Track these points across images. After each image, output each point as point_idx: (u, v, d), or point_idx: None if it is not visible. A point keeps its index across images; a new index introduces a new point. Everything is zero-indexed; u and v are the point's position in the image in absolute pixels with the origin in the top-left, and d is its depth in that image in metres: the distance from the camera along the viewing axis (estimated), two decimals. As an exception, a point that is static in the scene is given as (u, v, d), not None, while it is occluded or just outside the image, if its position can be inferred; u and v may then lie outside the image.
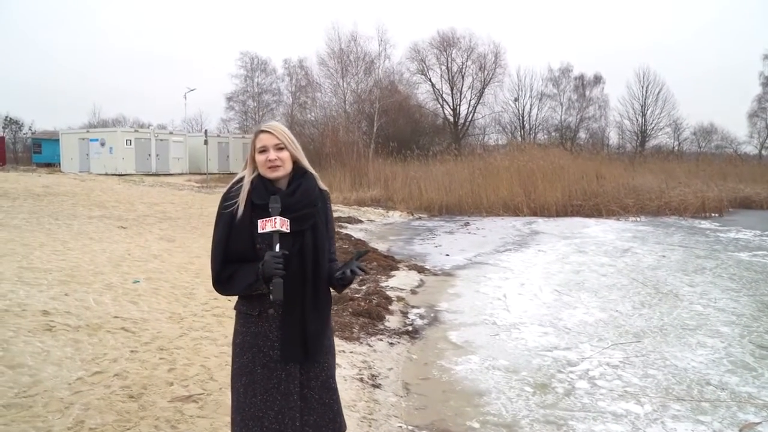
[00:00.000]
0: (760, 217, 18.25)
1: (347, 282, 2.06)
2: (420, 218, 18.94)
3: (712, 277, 8.69)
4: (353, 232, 14.01)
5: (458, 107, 44.95)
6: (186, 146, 34.77)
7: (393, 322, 6.23)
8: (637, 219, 18.01)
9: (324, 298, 2.11)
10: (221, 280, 2.07)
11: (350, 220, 16.43)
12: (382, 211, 19.58)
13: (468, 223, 16.97)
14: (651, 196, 20.10)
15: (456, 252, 11.39)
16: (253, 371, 2.03)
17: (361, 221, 16.67)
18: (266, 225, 2.00)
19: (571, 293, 7.61)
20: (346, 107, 38.77)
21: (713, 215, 18.67)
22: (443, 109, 44.73)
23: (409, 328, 6.00)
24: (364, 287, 7.53)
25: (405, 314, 6.61)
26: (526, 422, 3.80)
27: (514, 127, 46.85)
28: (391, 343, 5.46)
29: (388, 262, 9.47)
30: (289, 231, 2.02)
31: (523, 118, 46.77)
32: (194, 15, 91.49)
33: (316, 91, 43.21)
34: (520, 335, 5.76)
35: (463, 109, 45.19)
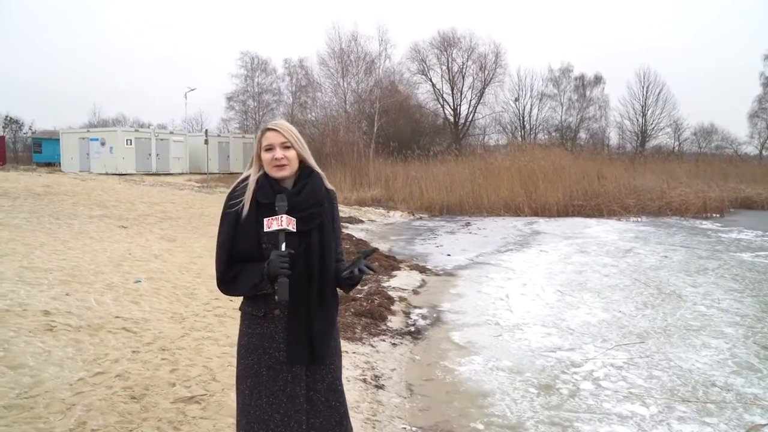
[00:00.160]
0: (762, 218, 18.23)
1: (355, 282, 2.03)
2: (421, 218, 18.92)
3: (714, 278, 8.66)
4: (354, 232, 13.98)
5: (459, 107, 44.96)
6: (186, 146, 34.75)
7: (395, 322, 6.20)
8: (639, 219, 17.99)
9: (330, 298, 2.07)
10: (226, 280, 2.03)
11: (351, 220, 16.40)
12: (383, 211, 19.55)
13: (469, 223, 16.95)
14: (652, 197, 20.07)
15: (457, 252, 11.36)
16: (259, 373, 2.00)
17: (362, 221, 16.65)
18: (272, 224, 1.97)
19: (574, 294, 7.58)
20: (347, 107, 38.77)
21: (714, 216, 18.65)
22: (444, 109, 44.76)
23: (412, 329, 5.98)
24: (366, 287, 7.50)
25: (407, 314, 6.58)
26: (531, 423, 3.77)
27: (515, 127, 46.88)
28: (393, 344, 5.43)
29: (389, 262, 9.44)
30: (296, 230, 1.99)
31: (523, 118, 46.79)
32: (194, 15, 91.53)
33: (316, 90, 43.26)
34: (523, 336, 5.74)
35: (464, 109, 45.23)
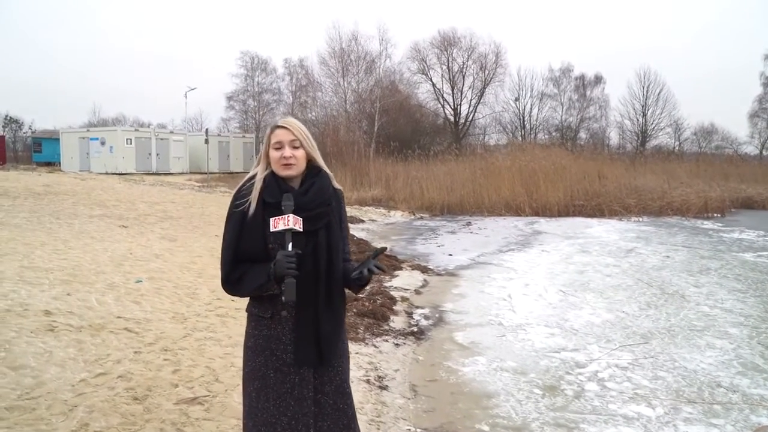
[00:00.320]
0: (763, 218, 18.21)
1: (365, 282, 2.00)
2: (422, 218, 18.89)
3: (717, 278, 8.64)
4: (355, 231, 13.95)
5: (459, 107, 44.94)
6: (186, 145, 34.71)
7: (398, 322, 6.17)
8: (640, 219, 17.97)
9: (338, 299, 2.04)
10: (231, 280, 2.00)
11: (352, 219, 16.35)
12: (384, 210, 19.52)
13: (470, 223, 16.92)
14: (653, 196, 20.04)
15: (459, 252, 11.33)
16: (266, 375, 1.97)
17: (362, 221, 16.62)
18: (279, 223, 1.94)
19: (577, 294, 7.56)
20: (347, 107, 38.75)
21: (716, 215, 18.63)
22: (444, 109, 44.73)
23: (415, 329, 5.95)
24: (368, 287, 7.47)
25: (410, 315, 6.55)
26: (537, 425, 3.74)
27: (515, 127, 46.85)
28: (396, 344, 5.40)
29: (391, 262, 9.41)
30: (303, 230, 1.96)
31: (523, 117, 46.76)
32: (194, 15, 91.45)
33: (316, 90, 43.25)
34: (526, 336, 5.71)
35: (464, 109, 45.20)
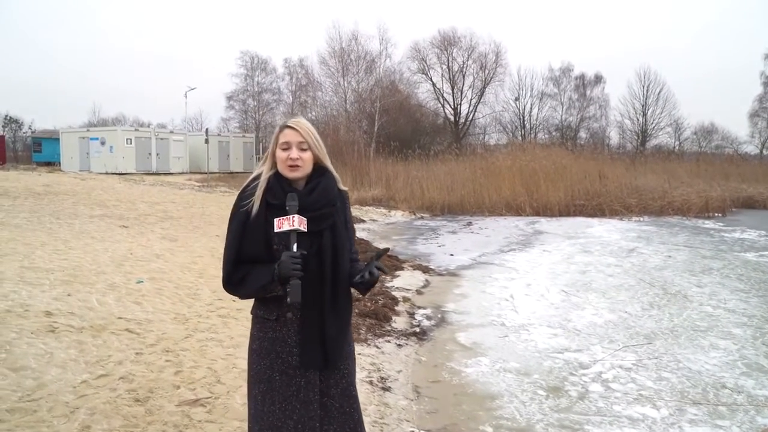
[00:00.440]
0: (764, 217, 18.19)
1: (369, 285, 1.98)
2: (422, 218, 18.86)
3: (720, 278, 8.61)
4: (356, 231, 13.90)
5: (459, 107, 44.94)
6: (186, 145, 34.65)
7: (400, 323, 6.15)
8: (641, 219, 17.95)
9: (343, 300, 2.02)
10: (233, 281, 1.97)
11: (352, 219, 16.32)
12: (384, 210, 19.49)
13: (471, 223, 16.90)
14: (654, 196, 20.03)
15: (460, 252, 11.30)
16: (272, 378, 1.95)
17: (363, 221, 16.58)
18: (283, 224, 1.91)
19: (579, 294, 7.53)
20: (347, 106, 38.72)
21: (716, 215, 18.61)
22: (444, 109, 44.73)
23: (417, 329, 5.92)
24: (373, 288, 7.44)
25: (411, 315, 6.53)
26: (541, 427, 3.71)
27: (515, 126, 46.84)
28: (399, 345, 5.37)
29: (392, 262, 9.39)
30: (307, 231, 1.94)
31: (523, 117, 46.75)
32: (194, 15, 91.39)
33: (316, 90, 43.21)
34: (529, 337, 5.68)
35: (464, 109, 45.20)
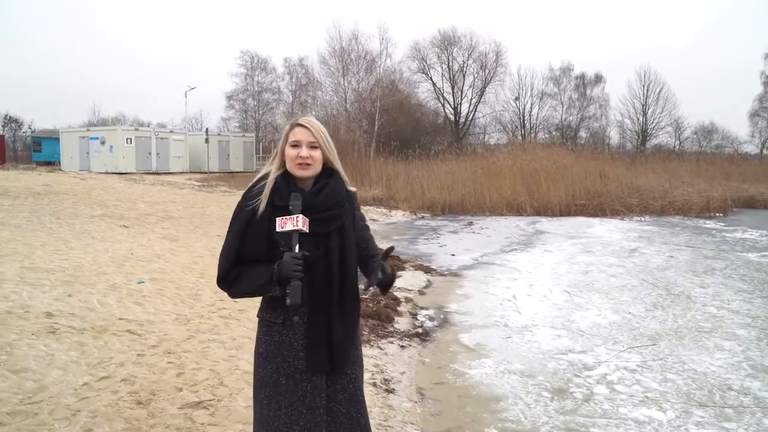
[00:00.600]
0: (765, 217, 18.15)
1: (388, 283, 2.03)
2: (423, 218, 18.82)
3: (722, 278, 8.57)
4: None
5: (459, 106, 44.91)
6: (186, 145, 34.62)
7: (402, 323, 6.11)
8: (642, 219, 17.90)
9: (351, 304, 1.99)
10: (228, 278, 1.93)
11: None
12: (385, 210, 19.46)
13: (471, 223, 16.86)
14: (655, 196, 19.98)
15: (461, 252, 11.27)
16: (278, 382, 1.92)
17: (363, 220, 16.54)
18: (286, 223, 1.87)
19: (582, 294, 7.50)
20: (347, 106, 38.68)
21: (718, 215, 18.56)
22: (444, 108, 44.68)
23: (419, 330, 5.89)
24: (372, 288, 7.40)
25: (414, 316, 6.49)
26: (547, 429, 3.68)
27: (515, 126, 46.80)
28: (402, 346, 5.34)
29: (394, 262, 9.33)
30: (312, 232, 1.90)
31: (523, 117, 46.71)
32: (194, 14, 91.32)
33: (316, 89, 43.18)
34: (533, 338, 5.65)
35: (464, 108, 45.16)
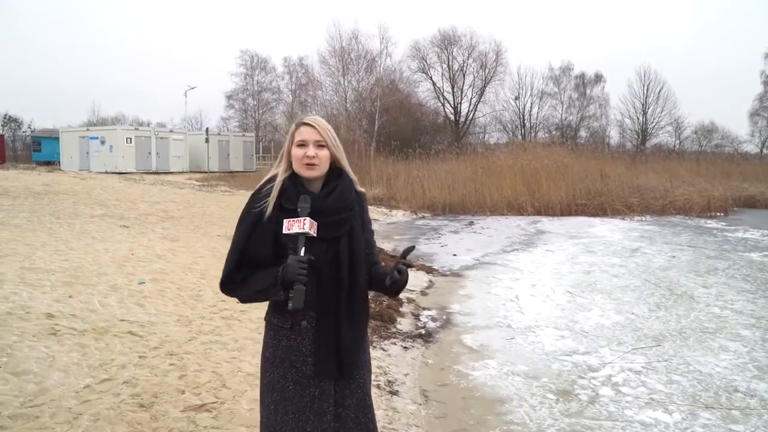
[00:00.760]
0: (766, 217, 18.12)
1: (400, 285, 1.91)
2: (423, 217, 18.79)
3: (725, 278, 8.54)
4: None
5: (459, 106, 44.88)
6: (186, 144, 34.58)
7: (405, 324, 6.08)
8: (643, 218, 17.87)
9: (360, 308, 1.95)
10: (232, 282, 1.89)
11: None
12: (385, 210, 19.42)
13: (472, 223, 16.83)
14: (655, 195, 19.95)
15: (463, 252, 11.24)
16: (285, 387, 1.88)
17: (364, 220, 16.51)
18: (293, 226, 1.83)
19: (584, 295, 7.47)
20: (347, 105, 38.65)
21: (719, 214, 18.53)
22: (444, 108, 44.65)
23: (422, 331, 5.86)
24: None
25: (416, 316, 6.46)
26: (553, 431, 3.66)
27: (515, 125, 46.76)
28: (405, 347, 5.30)
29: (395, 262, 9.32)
30: (321, 237, 1.86)
31: (523, 116, 46.68)
32: (194, 14, 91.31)
33: (316, 89, 43.15)
34: (536, 339, 5.61)
35: (464, 108, 45.13)
